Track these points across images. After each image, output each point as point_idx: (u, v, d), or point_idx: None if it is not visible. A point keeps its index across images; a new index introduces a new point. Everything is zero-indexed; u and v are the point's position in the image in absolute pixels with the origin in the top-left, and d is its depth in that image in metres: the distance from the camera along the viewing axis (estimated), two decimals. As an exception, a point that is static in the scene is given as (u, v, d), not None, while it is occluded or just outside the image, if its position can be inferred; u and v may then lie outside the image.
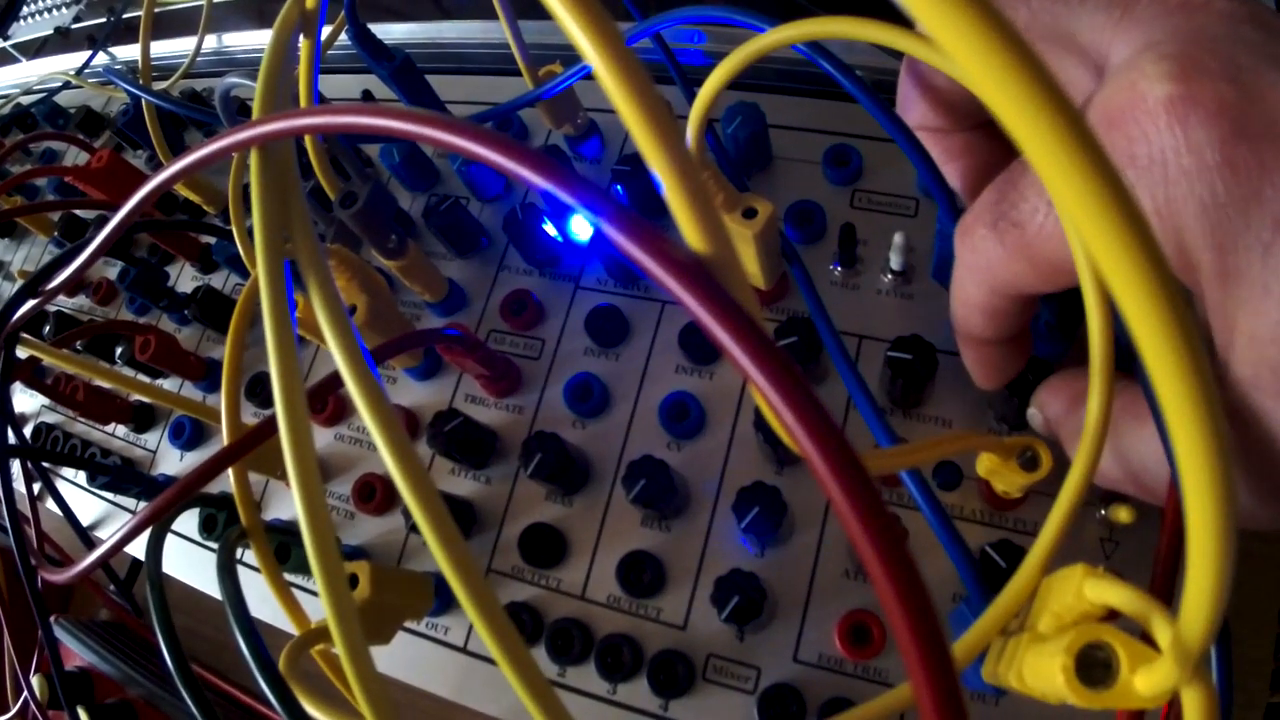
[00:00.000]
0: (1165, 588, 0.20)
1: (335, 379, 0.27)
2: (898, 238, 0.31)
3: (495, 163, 0.13)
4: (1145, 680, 0.15)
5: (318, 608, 0.34)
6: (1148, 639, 0.15)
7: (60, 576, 0.30)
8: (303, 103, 0.28)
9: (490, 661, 0.32)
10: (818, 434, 0.10)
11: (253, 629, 0.22)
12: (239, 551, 0.29)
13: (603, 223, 0.11)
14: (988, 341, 0.24)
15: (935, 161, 0.25)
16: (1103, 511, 0.28)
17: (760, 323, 0.10)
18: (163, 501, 0.25)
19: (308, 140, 0.31)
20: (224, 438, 0.27)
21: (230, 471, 0.27)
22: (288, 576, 0.30)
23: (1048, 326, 0.28)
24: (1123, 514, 0.27)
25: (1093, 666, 0.16)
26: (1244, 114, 0.15)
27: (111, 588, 0.46)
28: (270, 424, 0.25)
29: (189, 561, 0.38)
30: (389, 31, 0.48)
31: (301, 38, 0.26)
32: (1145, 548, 0.28)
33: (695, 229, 0.11)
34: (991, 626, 0.19)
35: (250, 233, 0.34)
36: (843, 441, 0.10)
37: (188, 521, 0.37)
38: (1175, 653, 0.14)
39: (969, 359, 0.26)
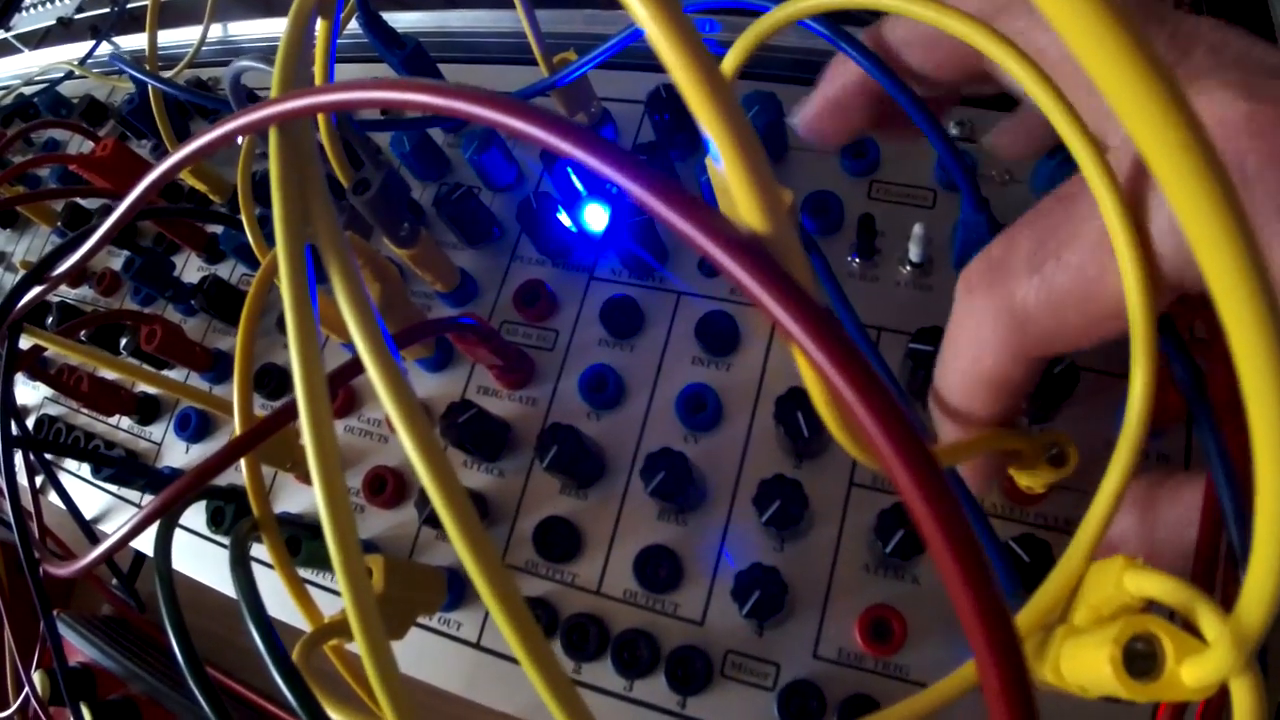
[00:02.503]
0: (1204, 580, 0.20)
1: (347, 370, 0.27)
2: (917, 229, 0.31)
3: (533, 136, 0.12)
4: (1192, 671, 0.15)
5: (328, 602, 0.33)
6: (1189, 628, 0.15)
7: (65, 571, 0.29)
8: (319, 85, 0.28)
9: (504, 657, 0.31)
10: (892, 429, 0.09)
11: (269, 625, 0.22)
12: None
13: (652, 199, 0.11)
14: (982, 423, 0.22)
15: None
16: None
17: (825, 308, 0.10)
18: (172, 494, 0.25)
19: (321, 126, 0.31)
20: (236, 428, 0.27)
21: (242, 463, 0.26)
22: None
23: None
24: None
25: (1134, 659, 0.16)
26: None
27: (114, 582, 0.45)
28: (283, 414, 0.25)
29: (194, 555, 0.37)
30: (396, 19, 0.47)
31: (319, 20, 0.25)
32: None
33: (756, 206, 0.10)
34: (1033, 621, 0.19)
35: (260, 221, 0.33)
36: (916, 436, 0.09)
37: (193, 515, 0.37)
38: (1230, 642, 0.14)
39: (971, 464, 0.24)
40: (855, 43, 0.23)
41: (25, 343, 0.35)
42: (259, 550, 0.27)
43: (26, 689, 0.43)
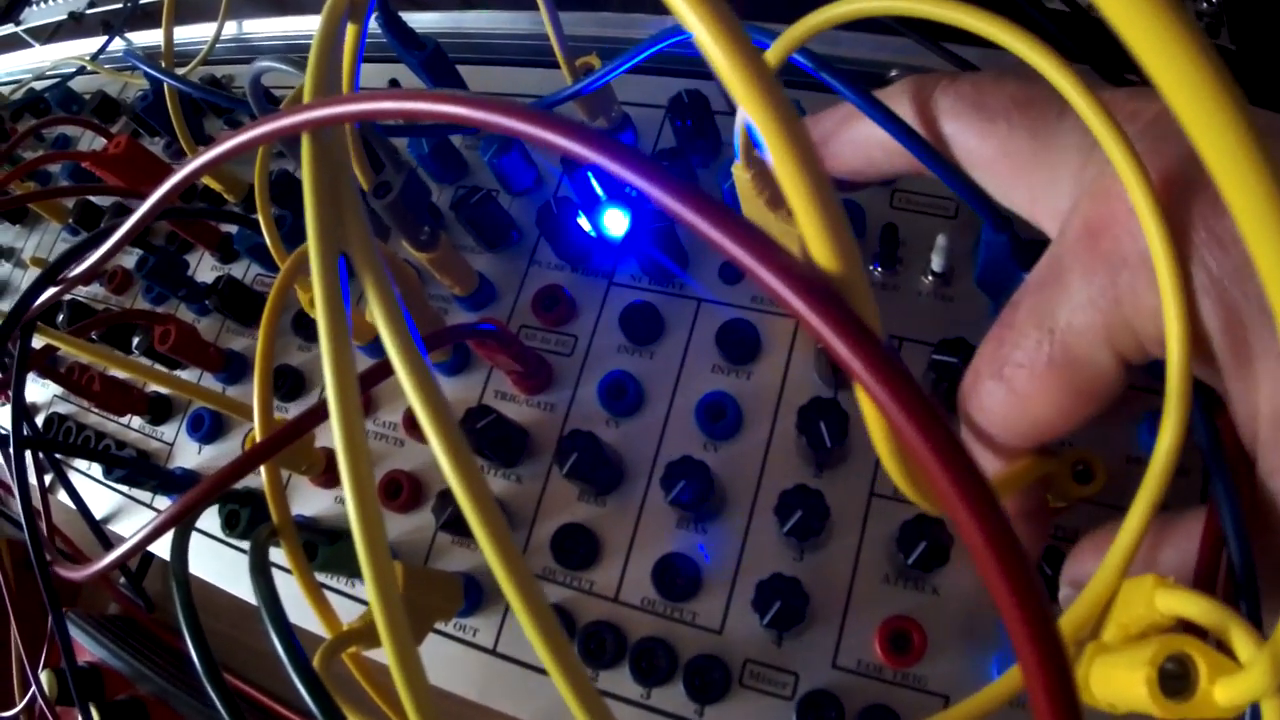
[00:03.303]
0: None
1: (372, 374, 0.26)
2: (940, 239, 0.30)
3: (594, 160, 0.12)
4: (1225, 691, 0.15)
5: (341, 605, 0.33)
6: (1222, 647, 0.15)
7: (77, 575, 0.29)
8: (345, 92, 0.27)
9: (520, 663, 0.31)
10: (963, 485, 0.09)
11: (291, 634, 0.22)
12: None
13: (713, 231, 0.11)
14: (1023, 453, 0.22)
15: None
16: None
17: (894, 353, 0.10)
18: (190, 500, 0.25)
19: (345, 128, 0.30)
20: (256, 433, 0.26)
21: (262, 468, 0.26)
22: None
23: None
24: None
25: (1165, 678, 0.16)
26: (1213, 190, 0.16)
27: (122, 581, 0.45)
28: (306, 420, 0.25)
29: (206, 557, 0.37)
30: (411, 19, 0.47)
31: (349, 24, 0.25)
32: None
33: (826, 244, 0.10)
34: (1066, 640, 0.19)
35: (277, 222, 0.33)
36: (987, 489, 0.09)
37: (207, 516, 0.36)
38: (1267, 664, 0.14)
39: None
40: (846, 79, 0.23)
41: (37, 342, 0.35)
42: (274, 553, 0.26)
43: (33, 688, 0.43)
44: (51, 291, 0.32)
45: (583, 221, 0.34)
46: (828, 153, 0.25)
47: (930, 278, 0.32)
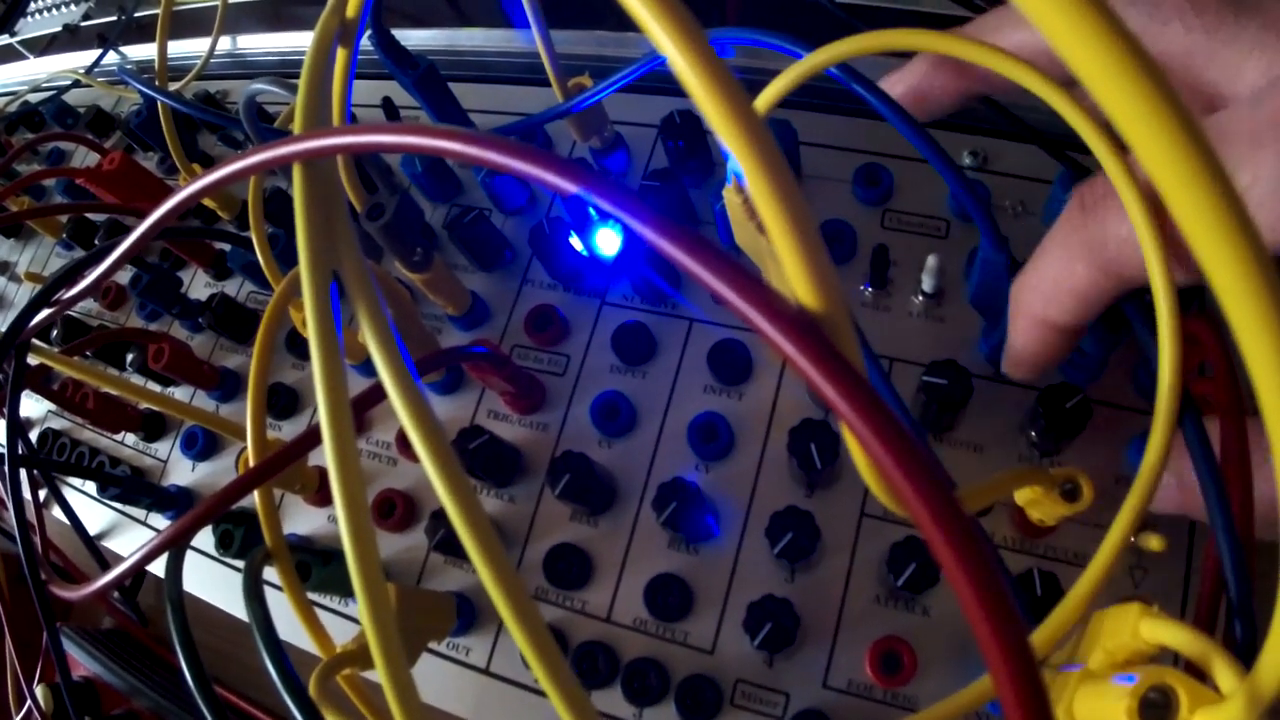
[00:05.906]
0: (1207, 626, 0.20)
1: (366, 398, 0.27)
2: (931, 260, 0.31)
3: (585, 198, 0.13)
4: None
5: (333, 623, 0.33)
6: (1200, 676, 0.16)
7: (73, 594, 0.29)
8: (335, 116, 0.28)
9: (512, 683, 0.31)
10: (945, 523, 0.09)
11: (285, 659, 0.22)
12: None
13: (701, 271, 0.11)
14: (1059, 327, 0.23)
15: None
16: (1134, 538, 0.28)
17: (872, 388, 0.10)
18: (184, 524, 0.25)
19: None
20: (250, 459, 0.27)
21: (255, 491, 0.26)
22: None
23: (1080, 353, 0.28)
24: (1154, 542, 0.27)
25: (1147, 707, 0.16)
26: None
27: (116, 595, 0.45)
28: (301, 443, 0.25)
29: (201, 575, 0.37)
30: (404, 37, 0.47)
31: (339, 48, 0.25)
32: (1174, 575, 0.27)
33: (809, 283, 0.10)
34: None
35: (271, 240, 0.33)
36: (969, 527, 0.10)
37: (201, 535, 0.36)
38: (1246, 698, 0.14)
39: (1022, 343, 0.25)
40: (875, 90, 0.23)
41: (31, 361, 0.35)
42: (269, 570, 0.27)
43: (29, 703, 0.43)
44: (46, 313, 0.32)
45: (575, 241, 0.34)
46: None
47: (921, 298, 0.32)
